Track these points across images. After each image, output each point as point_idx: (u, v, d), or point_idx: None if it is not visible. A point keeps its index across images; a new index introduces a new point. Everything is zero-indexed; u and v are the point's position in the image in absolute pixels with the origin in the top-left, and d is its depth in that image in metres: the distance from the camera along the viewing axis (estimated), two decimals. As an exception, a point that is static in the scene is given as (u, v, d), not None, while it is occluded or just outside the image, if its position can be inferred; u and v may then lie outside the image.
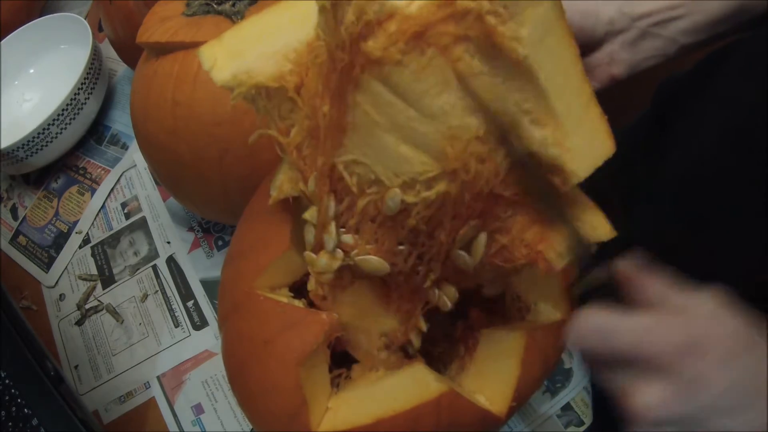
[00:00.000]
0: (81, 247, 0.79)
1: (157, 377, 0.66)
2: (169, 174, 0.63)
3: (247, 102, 0.37)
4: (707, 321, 0.30)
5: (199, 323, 0.69)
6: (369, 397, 0.39)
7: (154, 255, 0.75)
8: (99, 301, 0.73)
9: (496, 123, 0.31)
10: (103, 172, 0.85)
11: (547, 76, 0.30)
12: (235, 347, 0.43)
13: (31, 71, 0.94)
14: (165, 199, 0.79)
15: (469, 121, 0.30)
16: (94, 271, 0.76)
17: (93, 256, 0.78)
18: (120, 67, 0.95)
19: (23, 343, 0.55)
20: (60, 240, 0.81)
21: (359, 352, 0.42)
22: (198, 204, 0.66)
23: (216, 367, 0.66)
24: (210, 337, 0.67)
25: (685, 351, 0.29)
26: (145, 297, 0.72)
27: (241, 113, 0.54)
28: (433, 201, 0.33)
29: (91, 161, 0.87)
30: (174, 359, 0.67)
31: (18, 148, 0.79)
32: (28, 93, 0.92)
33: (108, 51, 0.91)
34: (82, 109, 0.83)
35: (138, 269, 0.74)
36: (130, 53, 0.81)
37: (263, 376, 0.40)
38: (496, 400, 0.40)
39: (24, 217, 0.85)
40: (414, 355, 0.43)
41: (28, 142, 0.79)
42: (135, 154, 0.84)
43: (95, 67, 0.84)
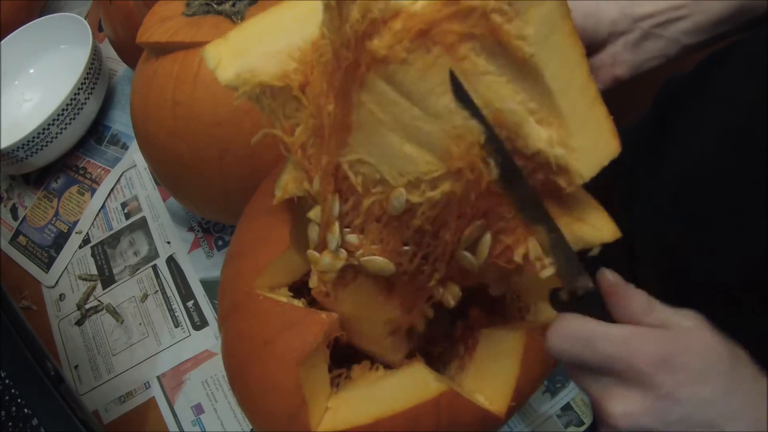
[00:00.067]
0: (81, 247, 0.79)
1: (157, 377, 0.66)
2: (169, 174, 0.63)
3: (251, 101, 0.37)
4: (686, 338, 0.30)
5: (199, 323, 0.69)
6: (369, 396, 0.39)
7: (154, 255, 0.75)
8: (99, 301, 0.73)
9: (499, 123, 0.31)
10: (103, 172, 0.85)
11: (553, 75, 0.30)
12: (235, 347, 0.43)
13: (31, 71, 0.94)
14: (165, 199, 0.79)
15: (473, 123, 0.30)
16: (94, 271, 0.76)
17: (93, 256, 0.78)
18: (120, 67, 0.95)
19: (23, 343, 0.55)
20: (60, 240, 0.81)
21: (364, 340, 0.42)
22: (198, 204, 0.66)
23: (216, 367, 0.66)
24: (210, 337, 0.67)
25: (661, 364, 0.29)
26: (145, 297, 0.72)
27: (242, 113, 0.54)
28: (438, 201, 0.33)
29: (91, 161, 0.87)
30: (174, 359, 0.67)
31: (18, 148, 0.79)
32: (28, 93, 0.92)
33: (108, 51, 0.91)
34: (82, 109, 0.83)
35: (138, 269, 0.74)
36: (130, 53, 0.81)
37: (263, 376, 0.40)
38: (496, 400, 0.40)
39: (24, 217, 0.85)
40: (418, 340, 0.43)
41: (28, 142, 0.79)
42: (135, 154, 0.84)
43: (95, 67, 0.84)
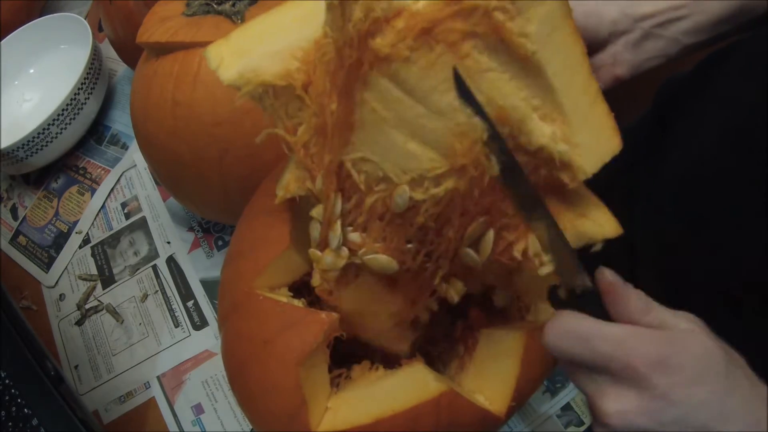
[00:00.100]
0: (81, 247, 0.79)
1: (157, 377, 0.66)
2: (169, 174, 0.63)
3: (253, 101, 0.37)
4: (683, 340, 0.30)
5: (199, 323, 0.69)
6: (369, 396, 0.39)
7: (154, 255, 0.75)
8: (99, 301, 0.73)
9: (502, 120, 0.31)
10: (103, 172, 0.85)
11: (555, 72, 0.30)
12: (234, 347, 0.43)
13: (31, 71, 0.94)
14: (165, 199, 0.79)
15: (476, 120, 0.30)
16: (94, 271, 0.76)
17: (93, 256, 0.78)
18: (120, 67, 0.95)
19: (23, 343, 0.55)
20: (60, 240, 0.81)
21: (368, 332, 0.42)
22: (198, 204, 0.66)
23: (216, 367, 0.66)
24: (210, 337, 0.67)
25: (657, 365, 0.29)
26: (145, 297, 0.72)
27: (242, 113, 0.54)
28: (441, 198, 0.33)
29: (91, 161, 0.87)
30: (174, 359, 0.67)
31: (18, 148, 0.79)
32: (28, 93, 0.92)
33: (108, 51, 0.91)
34: (82, 109, 0.83)
35: (138, 269, 0.74)
36: (130, 53, 0.81)
37: (263, 376, 0.40)
38: (496, 400, 0.40)
39: (24, 217, 0.85)
40: (420, 337, 0.43)
41: (28, 142, 0.79)
42: (135, 154, 0.84)
43: (95, 67, 0.84)
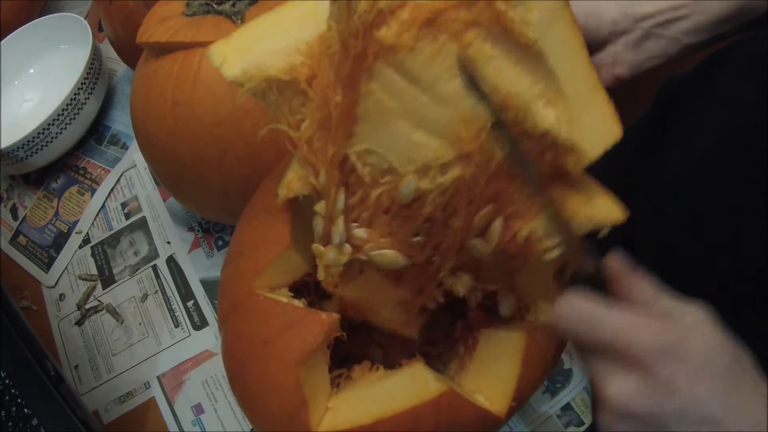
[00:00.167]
0: (81, 247, 0.79)
1: (157, 377, 0.66)
2: (169, 174, 0.63)
3: (257, 98, 0.37)
4: (690, 329, 0.30)
5: (199, 323, 0.69)
6: (369, 397, 0.39)
7: (154, 255, 0.75)
8: (99, 301, 0.73)
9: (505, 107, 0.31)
10: (103, 172, 0.85)
11: (556, 60, 0.31)
12: (234, 347, 0.43)
13: (31, 71, 0.94)
14: (165, 199, 0.79)
15: (481, 108, 0.31)
16: (94, 271, 0.76)
17: (93, 256, 0.78)
18: (120, 67, 0.95)
19: (23, 343, 0.55)
20: (60, 240, 0.81)
21: (377, 317, 0.42)
22: (198, 204, 0.66)
23: (216, 367, 0.66)
24: (210, 337, 0.67)
25: (663, 353, 0.29)
26: (145, 297, 0.72)
27: (242, 113, 0.54)
28: (448, 187, 0.33)
29: (91, 161, 0.87)
30: (174, 359, 0.67)
31: (18, 148, 0.79)
32: (28, 93, 0.92)
33: (108, 51, 0.91)
34: (82, 109, 0.83)
35: (138, 269, 0.74)
36: (130, 53, 0.81)
37: (263, 376, 0.40)
38: (496, 400, 0.40)
39: (24, 217, 0.85)
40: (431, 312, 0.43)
41: (28, 142, 0.79)
42: (135, 154, 0.84)
43: (95, 67, 0.84)
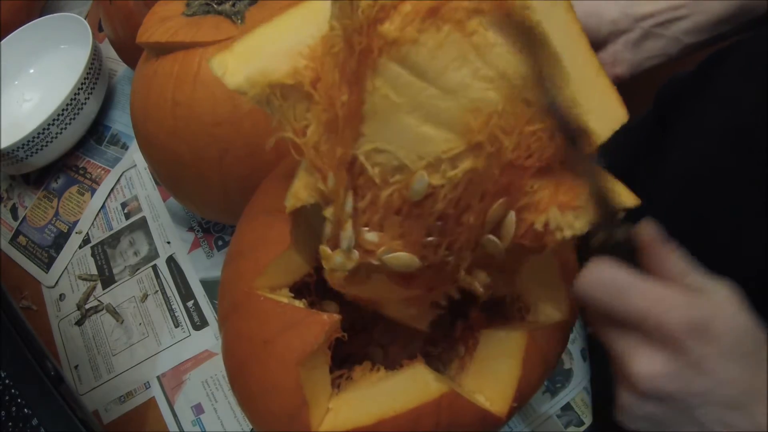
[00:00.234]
0: (81, 247, 0.79)
1: (157, 377, 0.66)
2: (169, 174, 0.63)
3: (260, 105, 0.36)
4: (720, 309, 0.29)
5: (199, 323, 0.69)
6: (370, 397, 0.39)
7: (154, 255, 0.75)
8: (99, 301, 0.73)
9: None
10: (103, 172, 0.85)
11: (558, 44, 0.31)
12: (235, 347, 0.43)
13: (31, 71, 0.94)
14: (165, 199, 0.79)
15: (489, 94, 0.31)
16: (94, 271, 0.76)
17: (93, 256, 0.78)
18: (120, 67, 0.95)
19: (23, 343, 0.55)
20: (60, 240, 0.81)
21: (388, 309, 0.41)
22: (198, 204, 0.66)
23: (216, 367, 0.66)
24: (210, 337, 0.67)
25: (693, 331, 0.28)
26: (145, 297, 0.72)
27: (242, 113, 0.54)
28: (459, 180, 0.33)
29: (91, 161, 0.87)
30: (174, 359, 0.67)
31: (18, 148, 0.79)
32: (28, 93, 0.92)
33: (108, 51, 0.91)
34: (82, 109, 0.83)
35: (138, 269, 0.74)
36: (130, 53, 0.81)
37: (263, 376, 0.40)
38: (497, 401, 0.40)
39: (24, 217, 0.85)
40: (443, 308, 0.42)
41: (28, 142, 0.79)
42: (135, 154, 0.84)
43: (95, 67, 0.84)
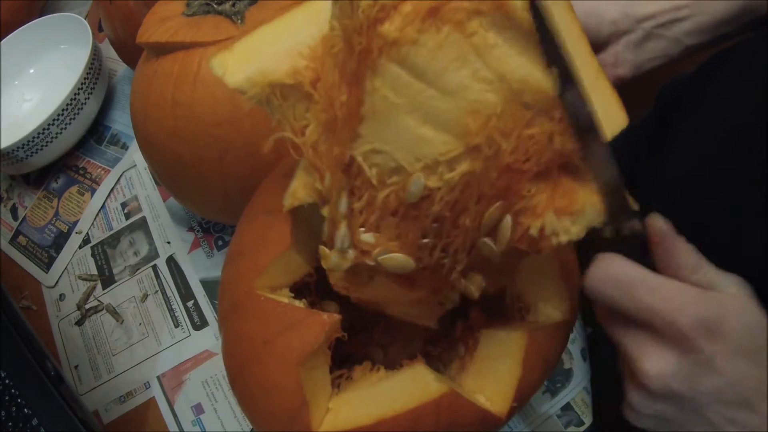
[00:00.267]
0: (81, 247, 0.79)
1: (157, 377, 0.66)
2: (169, 174, 0.63)
3: (260, 105, 0.37)
4: (731, 305, 0.28)
5: (199, 323, 0.69)
6: (370, 397, 0.39)
7: (154, 255, 0.75)
8: (99, 301, 0.73)
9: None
10: (103, 172, 0.85)
11: (559, 45, 0.31)
12: (235, 347, 0.43)
13: (31, 71, 0.94)
14: (165, 199, 0.79)
15: (488, 96, 0.31)
16: (94, 271, 0.76)
17: (93, 256, 0.78)
18: (120, 67, 0.95)
19: (23, 343, 0.55)
20: (60, 240, 0.81)
21: (393, 308, 0.41)
22: (198, 204, 0.66)
23: (216, 367, 0.66)
24: (210, 337, 0.67)
25: (704, 329, 0.28)
26: (145, 297, 0.72)
27: (242, 113, 0.54)
28: (456, 183, 0.33)
29: (91, 161, 0.87)
30: (174, 359, 0.67)
31: (18, 148, 0.79)
32: (28, 93, 0.92)
33: (108, 51, 0.91)
34: (82, 109, 0.83)
35: (138, 269, 0.74)
36: (130, 53, 0.81)
37: (263, 376, 0.40)
38: (497, 401, 0.40)
39: (24, 217, 0.85)
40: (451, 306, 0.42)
41: (28, 142, 0.79)
42: (135, 154, 0.84)
43: (95, 67, 0.84)
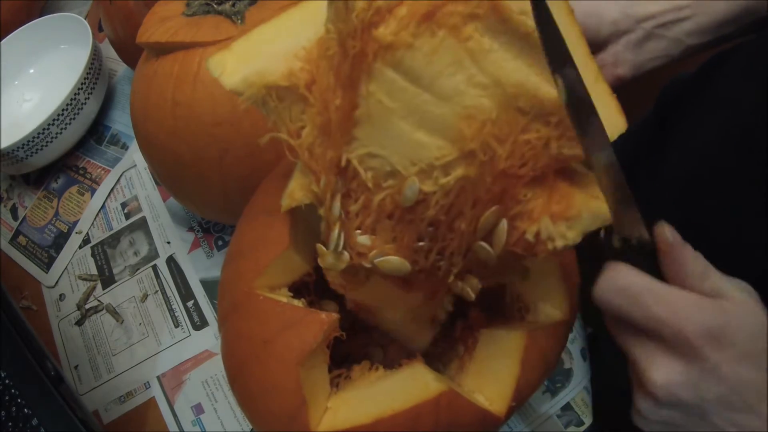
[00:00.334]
0: (81, 247, 0.79)
1: (157, 377, 0.66)
2: (169, 174, 0.63)
3: (256, 106, 0.37)
4: (738, 312, 0.29)
5: (199, 323, 0.69)
6: (368, 396, 0.39)
7: (154, 255, 0.75)
8: (99, 301, 0.73)
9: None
10: (103, 172, 0.85)
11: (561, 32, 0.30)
12: (234, 347, 0.43)
13: (31, 71, 0.94)
14: (165, 199, 0.79)
15: (483, 102, 0.30)
16: (94, 271, 0.76)
17: (93, 256, 0.78)
18: (120, 67, 0.95)
19: (23, 343, 0.55)
20: (60, 240, 0.81)
21: (388, 324, 0.41)
22: (198, 204, 0.66)
23: (216, 367, 0.66)
24: (210, 337, 0.67)
25: (711, 338, 0.28)
26: (145, 297, 0.72)
27: (242, 113, 0.54)
28: (451, 188, 0.33)
29: (91, 161, 0.87)
30: (174, 359, 0.67)
31: (18, 148, 0.79)
32: (28, 93, 0.92)
33: (108, 51, 0.91)
34: (82, 109, 0.83)
35: (138, 269, 0.74)
36: (130, 53, 0.81)
37: (263, 376, 0.40)
38: (496, 400, 0.40)
39: (24, 217, 0.85)
40: (443, 324, 0.42)
41: (28, 142, 0.79)
42: (135, 154, 0.84)
43: (95, 67, 0.84)
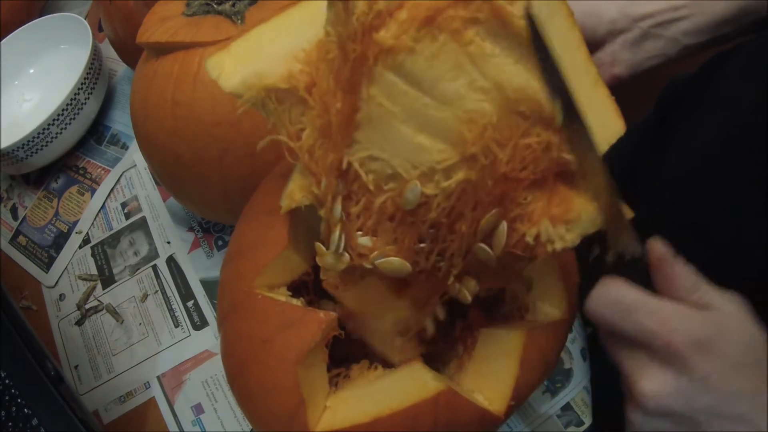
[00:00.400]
0: (81, 247, 0.79)
1: (157, 377, 0.66)
2: (169, 174, 0.63)
3: (256, 108, 0.36)
4: (727, 323, 0.29)
5: (199, 323, 0.69)
6: (367, 396, 0.39)
7: (154, 255, 0.75)
8: (99, 301, 0.73)
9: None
10: (103, 172, 0.85)
11: (556, 55, 0.31)
12: (234, 347, 0.43)
13: (31, 71, 0.94)
14: (165, 199, 0.79)
15: (484, 106, 0.31)
16: (94, 271, 0.76)
17: (93, 256, 0.78)
18: (120, 67, 0.95)
19: (23, 343, 0.55)
20: (60, 240, 0.81)
21: (373, 337, 0.42)
22: (198, 204, 0.66)
23: (216, 367, 0.66)
24: (210, 337, 0.67)
25: (700, 348, 0.28)
26: (145, 297, 0.72)
27: (242, 113, 0.54)
28: (452, 191, 0.33)
29: (91, 161, 0.87)
30: (174, 359, 0.67)
31: (18, 148, 0.79)
32: (28, 93, 0.92)
33: (108, 51, 0.91)
34: (82, 109, 0.83)
35: (138, 269, 0.74)
36: (130, 53, 0.81)
37: (262, 375, 0.40)
38: (495, 399, 0.40)
39: (24, 217, 0.85)
40: (428, 342, 0.42)
41: (28, 142, 0.79)
42: (135, 154, 0.84)
43: (95, 67, 0.84)
